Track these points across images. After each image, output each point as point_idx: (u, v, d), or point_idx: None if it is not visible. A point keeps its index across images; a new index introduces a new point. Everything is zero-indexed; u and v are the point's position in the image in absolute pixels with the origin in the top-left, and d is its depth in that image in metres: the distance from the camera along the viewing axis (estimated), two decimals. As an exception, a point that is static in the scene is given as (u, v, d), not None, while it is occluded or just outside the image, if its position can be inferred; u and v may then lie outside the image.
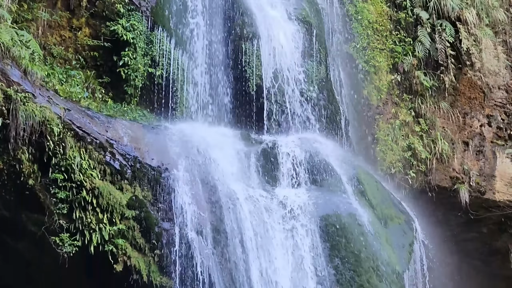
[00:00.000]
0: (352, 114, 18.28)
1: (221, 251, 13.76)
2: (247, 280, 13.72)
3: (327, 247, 14.91)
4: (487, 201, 20.54)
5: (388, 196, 16.99)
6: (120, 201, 13.43)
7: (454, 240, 21.82)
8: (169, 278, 13.21)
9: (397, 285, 15.77)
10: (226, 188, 14.50)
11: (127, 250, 13.17)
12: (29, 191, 13.05)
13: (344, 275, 14.90)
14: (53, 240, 12.90)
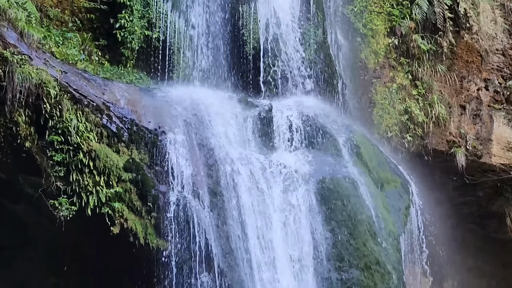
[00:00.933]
0: (349, 78, 18.25)
1: (218, 214, 13.80)
2: (243, 243, 13.78)
3: (323, 210, 14.96)
4: (483, 165, 20.57)
5: (384, 159, 17.02)
6: (117, 164, 13.45)
7: (450, 204, 21.90)
8: (165, 241, 13.26)
9: (393, 248, 15.84)
10: (223, 151, 14.51)
11: (124, 212, 13.21)
12: (26, 153, 13.05)
13: (340, 238, 14.97)
14: (51, 203, 12.94)
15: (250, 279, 13.47)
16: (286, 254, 14.22)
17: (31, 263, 14.77)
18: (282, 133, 15.59)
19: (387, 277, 15.38)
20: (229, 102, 15.80)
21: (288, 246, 14.27)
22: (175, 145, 14.09)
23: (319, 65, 17.06)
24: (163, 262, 13.13)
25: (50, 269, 14.65)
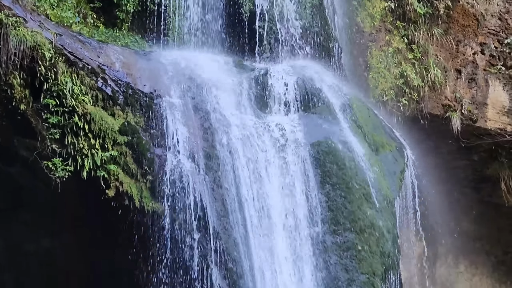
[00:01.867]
0: (345, 41, 18.19)
1: (213, 177, 13.83)
2: (238, 206, 13.83)
3: (318, 173, 15.00)
4: (478, 129, 20.61)
5: (379, 123, 17.03)
6: (112, 127, 13.45)
7: (445, 168, 21.96)
8: (161, 204, 13.30)
9: (387, 212, 15.91)
10: (219, 114, 14.50)
11: (119, 175, 13.24)
12: (21, 116, 13.04)
13: (335, 202, 15.02)
14: (46, 165, 12.95)
15: (245, 242, 13.54)
16: (281, 217, 14.28)
17: (26, 225, 14.82)
18: (277, 97, 15.57)
19: (382, 240, 15.47)
20: (225, 66, 15.75)
21: (283, 209, 14.33)
22: (170, 108, 14.08)
23: (315, 29, 16.99)
24: (158, 224, 13.18)
25: (45, 231, 14.72)
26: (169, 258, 13.09)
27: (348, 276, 14.68)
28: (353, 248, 14.93)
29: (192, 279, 13.03)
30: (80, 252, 14.68)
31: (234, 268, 13.19)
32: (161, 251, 13.06)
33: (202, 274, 13.03)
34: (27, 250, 15.05)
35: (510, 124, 20.57)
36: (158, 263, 13.03)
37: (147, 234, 13.13)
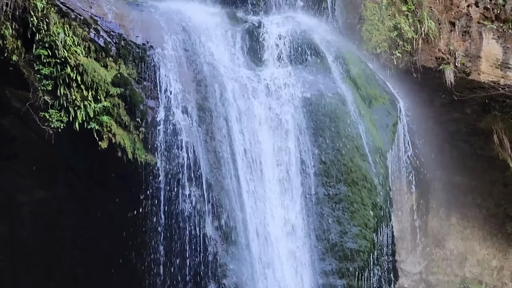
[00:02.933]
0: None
1: (206, 129, 13.83)
2: (231, 157, 13.86)
3: (311, 126, 15.02)
4: (471, 82, 20.55)
5: (373, 76, 17.00)
6: (104, 79, 13.41)
7: (438, 121, 21.98)
8: (153, 156, 13.32)
9: (380, 165, 15.97)
10: (212, 67, 14.46)
11: (112, 127, 13.23)
12: (13, 67, 12.98)
13: (327, 154, 15.07)
14: (38, 116, 12.92)
15: (237, 193, 13.60)
16: (273, 169, 14.33)
17: (19, 176, 14.84)
18: (270, 49, 15.52)
19: (374, 193, 15.54)
20: (218, 18, 15.66)
21: (275, 161, 14.37)
22: (163, 60, 14.02)
23: (308, -20, 16.90)
24: (151, 176, 13.22)
25: (38, 182, 14.75)
26: (162, 210, 13.14)
27: (340, 228, 14.77)
28: (345, 200, 15.00)
29: (186, 230, 13.10)
30: (74, 204, 14.73)
31: (226, 219, 13.26)
32: (154, 203, 13.11)
33: (195, 225, 13.10)
34: (21, 201, 15.11)
35: (503, 77, 20.53)
36: (152, 214, 13.08)
37: (140, 186, 13.16)
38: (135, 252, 13.25)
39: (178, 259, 12.94)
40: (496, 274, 31.65)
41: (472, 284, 30.49)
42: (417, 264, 29.83)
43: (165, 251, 12.98)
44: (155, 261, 13.06)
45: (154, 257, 13.02)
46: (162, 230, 13.14)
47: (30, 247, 15.14)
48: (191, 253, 12.93)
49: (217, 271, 12.88)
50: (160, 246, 13.05)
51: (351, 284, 14.59)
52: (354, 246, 14.88)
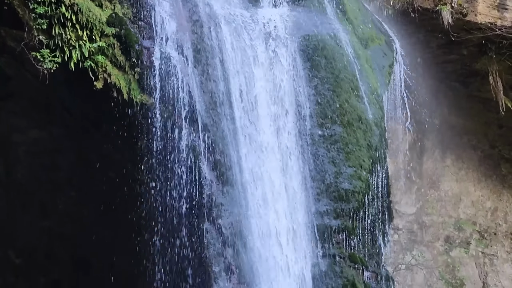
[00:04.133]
0: None
1: (202, 70, 13.79)
2: (227, 98, 13.84)
3: (307, 67, 14.99)
4: (468, 23, 20.46)
5: (369, 17, 16.91)
6: (99, 18, 13.29)
7: (434, 62, 21.94)
8: (149, 96, 13.29)
9: (375, 106, 15.98)
10: (207, 7, 14.35)
11: (107, 67, 13.16)
12: (7, 6, 12.83)
13: (323, 96, 15.07)
14: (33, 56, 12.86)
15: (233, 135, 13.62)
16: (269, 109, 14.33)
17: (15, 116, 14.83)
18: (266, -11, 15.43)
19: (369, 134, 15.58)
20: (213, -44, 15.51)
21: (271, 101, 14.37)
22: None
23: None
24: (147, 117, 13.21)
25: (33, 121, 14.75)
26: (157, 151, 13.16)
27: (336, 169, 14.84)
28: (341, 141, 15.05)
29: (181, 171, 13.15)
30: (70, 144, 14.76)
31: (222, 160, 13.31)
32: (150, 143, 13.13)
33: (190, 166, 13.15)
34: (17, 140, 15.13)
35: (500, 18, 20.43)
36: (147, 155, 13.12)
37: (136, 127, 13.17)
38: (130, 192, 13.31)
39: (173, 200, 13.00)
40: (490, 215, 31.91)
41: (466, 225, 30.76)
42: (411, 205, 30.04)
43: (160, 191, 13.03)
44: (150, 201, 13.12)
45: (149, 197, 13.08)
46: (157, 170, 13.19)
47: (26, 187, 15.21)
48: (187, 194, 12.99)
49: (212, 211, 12.97)
50: (156, 186, 13.11)
51: (346, 225, 14.72)
52: (349, 187, 14.96)
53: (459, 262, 30.88)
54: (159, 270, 12.89)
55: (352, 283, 14.14)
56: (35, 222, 15.11)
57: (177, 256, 12.84)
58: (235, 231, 13.04)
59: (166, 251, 12.88)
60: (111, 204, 13.74)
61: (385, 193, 16.05)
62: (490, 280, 31.76)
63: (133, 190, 13.19)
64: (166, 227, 12.93)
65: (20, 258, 15.00)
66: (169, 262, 12.87)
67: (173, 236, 12.93)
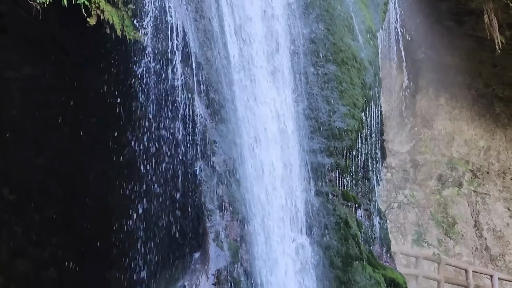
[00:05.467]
0: None
1: (195, 7, 13.66)
2: (221, 36, 13.75)
3: (301, 5, 14.93)
4: (460, -39, 20.40)
5: (364, -47, 16.77)
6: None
7: (429, 1, 21.87)
8: (142, 33, 13.19)
9: (370, 44, 15.95)
10: None
11: (100, 3, 12.99)
12: None
13: (317, 33, 15.03)
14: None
15: (227, 72, 13.58)
16: (262, 45, 14.24)
17: (7, 51, 14.71)
18: None
19: (363, 72, 15.58)
20: None
21: (263, 36, 14.28)
22: None
23: None
24: (140, 54, 13.13)
25: (27, 58, 14.66)
26: (151, 90, 13.13)
27: (329, 108, 14.86)
28: (335, 80, 15.05)
29: (175, 110, 13.13)
30: (63, 81, 14.70)
31: (216, 98, 13.29)
32: (142, 81, 13.09)
33: (184, 104, 13.13)
34: (9, 77, 15.06)
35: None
36: (141, 92, 13.09)
37: (129, 64, 13.11)
38: (122, 129, 13.31)
39: (166, 136, 13.02)
40: (483, 154, 32.11)
41: (459, 164, 30.96)
42: (405, 143, 30.20)
43: (154, 128, 13.04)
44: (144, 137, 13.13)
45: (142, 135, 13.08)
46: (151, 109, 13.17)
47: (19, 125, 15.19)
48: (180, 130, 13.00)
49: (206, 148, 12.99)
50: (150, 125, 13.11)
51: (338, 163, 14.79)
52: (342, 125, 15.01)
53: (451, 201, 31.17)
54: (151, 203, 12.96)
55: (344, 220, 14.27)
56: (29, 160, 15.12)
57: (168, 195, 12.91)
58: (228, 169, 13.09)
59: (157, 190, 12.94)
60: (105, 141, 13.73)
61: (379, 132, 16.11)
62: (482, 218, 32.09)
63: (125, 127, 13.18)
64: (158, 164, 12.96)
65: (14, 195, 15.06)
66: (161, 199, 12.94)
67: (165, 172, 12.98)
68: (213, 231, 12.46)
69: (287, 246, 13.38)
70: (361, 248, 14.30)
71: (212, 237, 12.40)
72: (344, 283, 13.69)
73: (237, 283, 12.23)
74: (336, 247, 13.96)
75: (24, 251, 15.07)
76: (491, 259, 31.84)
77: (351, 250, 14.07)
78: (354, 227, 14.41)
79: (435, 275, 27.39)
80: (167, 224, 12.77)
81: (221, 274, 12.13)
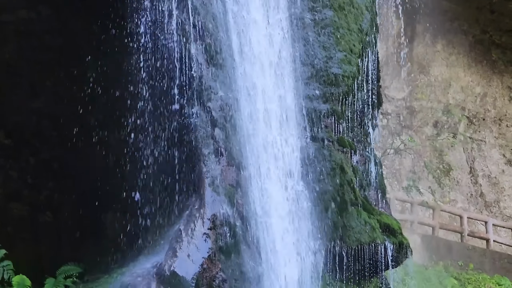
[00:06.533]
0: None
1: None
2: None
3: None
4: None
5: None
6: None
7: None
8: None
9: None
10: None
11: None
12: None
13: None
14: None
15: (223, 17, 13.48)
16: None
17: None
18: None
19: (360, 18, 15.52)
20: None
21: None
22: None
23: None
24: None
25: (22, 2, 14.51)
26: (147, 34, 13.05)
27: (326, 53, 14.82)
28: (331, 26, 14.98)
29: (171, 56, 13.07)
30: (59, 25, 14.60)
31: (212, 43, 13.22)
32: (138, 24, 13.01)
33: (180, 50, 13.05)
34: (4, 20, 14.93)
35: None
36: (136, 35, 13.01)
37: (125, 7, 13.01)
38: (118, 70, 13.27)
39: (162, 82, 12.98)
40: (479, 101, 32.16)
41: (455, 111, 31.00)
42: (401, 90, 30.21)
43: (150, 76, 13.00)
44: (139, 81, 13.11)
45: (138, 76, 13.03)
46: (146, 51, 13.10)
47: (14, 68, 15.12)
48: (175, 75, 12.95)
49: (202, 94, 12.96)
50: (148, 67, 13.06)
51: (334, 109, 14.79)
52: (338, 71, 14.98)
53: (447, 147, 31.30)
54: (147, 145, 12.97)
55: (340, 166, 14.31)
56: (24, 103, 15.08)
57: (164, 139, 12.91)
58: (224, 114, 13.07)
59: (153, 134, 12.95)
60: (101, 83, 13.69)
61: (375, 78, 16.09)
62: (477, 165, 32.27)
63: (121, 68, 13.14)
64: (155, 108, 12.95)
65: (9, 139, 15.06)
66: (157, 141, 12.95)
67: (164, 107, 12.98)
68: (209, 176, 12.48)
69: (282, 191, 13.44)
70: (356, 193, 14.38)
71: (208, 182, 12.42)
72: (339, 228, 13.78)
73: (232, 228, 12.30)
74: (332, 193, 14.03)
75: (20, 195, 15.11)
76: (486, 205, 32.09)
77: (346, 196, 14.14)
78: (349, 173, 14.46)
79: (430, 221, 27.62)
80: (163, 168, 12.80)
81: (216, 219, 12.19)
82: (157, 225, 12.77)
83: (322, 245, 13.62)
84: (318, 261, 13.52)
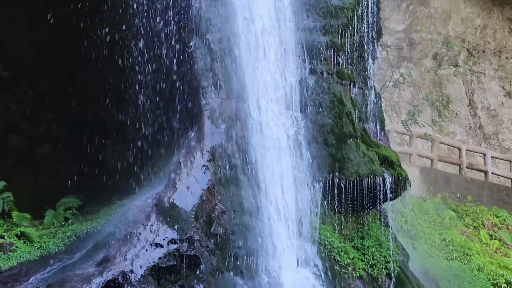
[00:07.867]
0: None
1: None
2: None
3: None
4: None
5: None
6: None
7: None
8: None
9: None
10: None
11: None
12: None
13: None
14: None
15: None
16: None
17: None
18: None
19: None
20: None
21: None
22: None
23: None
24: None
25: None
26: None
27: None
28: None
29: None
30: None
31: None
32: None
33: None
34: None
35: None
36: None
37: None
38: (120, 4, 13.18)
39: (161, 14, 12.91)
40: (479, 32, 31.97)
41: (454, 43, 30.83)
42: (400, 21, 30.00)
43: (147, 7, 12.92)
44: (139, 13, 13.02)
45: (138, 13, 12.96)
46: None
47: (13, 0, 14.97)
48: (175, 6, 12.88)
49: (200, 26, 12.89)
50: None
51: (334, 41, 14.73)
52: (338, 3, 14.90)
53: (446, 80, 31.23)
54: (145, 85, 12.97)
55: (339, 99, 14.31)
56: (23, 36, 14.97)
57: (163, 71, 12.88)
58: (223, 47, 13.02)
59: (152, 66, 12.92)
60: (100, 16, 13.57)
61: (375, 10, 16.00)
62: (477, 97, 32.24)
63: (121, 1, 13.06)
64: (153, 38, 12.90)
65: (8, 71, 14.97)
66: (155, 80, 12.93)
67: (160, 49, 12.93)
68: (208, 109, 12.50)
69: (281, 123, 13.45)
70: (355, 126, 14.40)
71: (207, 115, 12.44)
72: (338, 160, 13.84)
73: (231, 160, 12.36)
74: (330, 125, 14.04)
75: (19, 127, 15.10)
76: (485, 137, 32.15)
77: (345, 128, 14.16)
78: (348, 105, 14.47)
79: (429, 153, 27.72)
80: (163, 101, 12.80)
81: (215, 151, 12.24)
82: (157, 157, 12.83)
83: (321, 177, 13.70)
84: (316, 192, 13.61)
